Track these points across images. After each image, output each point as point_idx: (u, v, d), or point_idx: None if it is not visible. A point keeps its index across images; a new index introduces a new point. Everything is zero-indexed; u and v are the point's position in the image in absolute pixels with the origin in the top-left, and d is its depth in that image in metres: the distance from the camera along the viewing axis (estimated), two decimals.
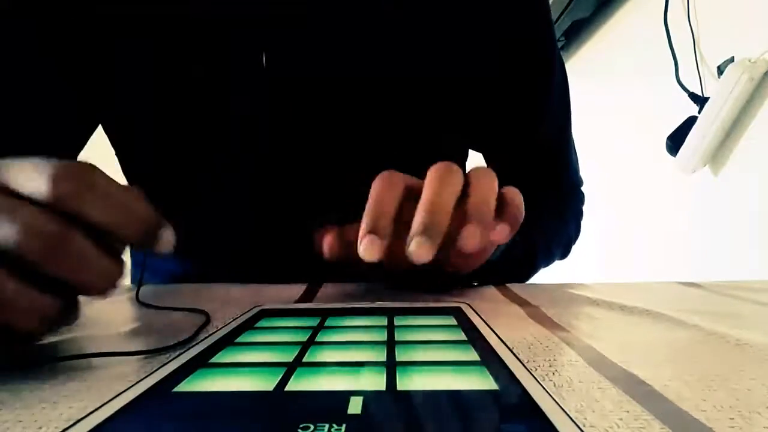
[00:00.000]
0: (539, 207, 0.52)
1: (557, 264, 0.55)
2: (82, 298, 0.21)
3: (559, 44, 1.46)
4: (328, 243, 0.30)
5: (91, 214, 0.19)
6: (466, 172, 0.29)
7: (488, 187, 0.28)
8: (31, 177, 0.19)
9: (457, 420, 0.13)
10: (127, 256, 0.27)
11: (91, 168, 0.20)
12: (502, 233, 0.27)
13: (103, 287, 0.20)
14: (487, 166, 0.56)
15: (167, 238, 0.22)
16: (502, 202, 0.28)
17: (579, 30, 1.43)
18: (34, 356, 0.22)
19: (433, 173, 0.27)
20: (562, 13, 1.31)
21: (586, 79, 1.39)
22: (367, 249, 0.24)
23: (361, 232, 0.25)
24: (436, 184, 0.26)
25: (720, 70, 0.87)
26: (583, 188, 0.59)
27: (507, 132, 0.52)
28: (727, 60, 0.85)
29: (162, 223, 0.22)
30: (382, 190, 0.27)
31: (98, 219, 0.19)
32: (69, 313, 0.20)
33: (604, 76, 1.34)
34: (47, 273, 0.19)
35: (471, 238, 0.25)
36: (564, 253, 0.54)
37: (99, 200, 0.20)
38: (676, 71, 0.97)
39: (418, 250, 0.24)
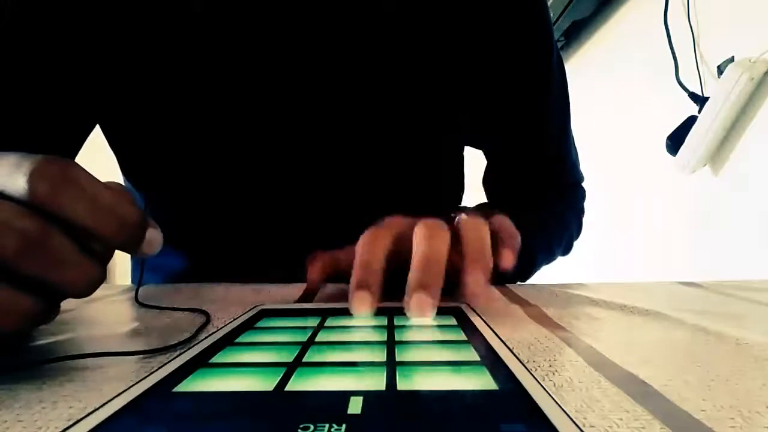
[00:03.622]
0: (540, 203, 0.52)
1: (557, 264, 0.55)
2: (78, 301, 0.21)
3: (559, 44, 1.47)
4: (312, 269, 0.31)
5: (70, 213, 0.19)
6: (453, 218, 0.29)
7: (479, 230, 0.28)
8: (10, 173, 0.19)
9: (457, 420, 0.13)
10: (125, 256, 0.27)
11: (72, 165, 0.19)
12: (508, 259, 0.28)
13: (82, 288, 0.20)
14: (488, 164, 0.56)
15: (153, 239, 0.21)
16: (493, 230, 0.29)
17: (579, 30, 1.43)
18: (33, 356, 0.22)
19: (420, 229, 0.27)
20: (562, 13, 1.31)
21: (586, 79, 1.39)
22: (358, 304, 0.25)
23: (351, 287, 0.25)
24: (426, 239, 0.27)
25: (720, 70, 0.87)
26: (583, 184, 0.59)
27: (507, 130, 0.52)
28: (727, 60, 0.85)
29: (147, 224, 0.21)
30: (369, 244, 0.27)
31: (77, 218, 0.19)
32: (48, 313, 0.20)
33: (604, 76, 1.34)
34: (24, 272, 0.18)
35: (476, 285, 0.26)
36: (566, 250, 0.55)
37: (79, 199, 0.19)
38: (676, 71, 0.97)
39: (419, 306, 0.24)
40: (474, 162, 0.60)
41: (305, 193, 0.44)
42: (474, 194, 0.58)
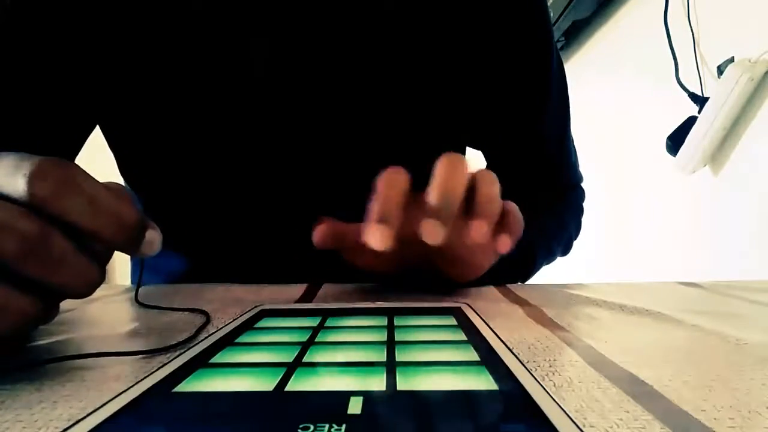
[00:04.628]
0: (539, 205, 0.52)
1: (557, 264, 0.55)
2: (78, 301, 0.21)
3: (559, 44, 1.47)
4: (319, 231, 0.31)
5: (69, 214, 0.19)
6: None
7: (493, 185, 0.28)
8: (9, 174, 0.19)
9: (457, 420, 0.13)
10: (125, 257, 0.27)
11: (72, 166, 0.20)
12: (505, 244, 0.28)
13: (82, 289, 0.20)
14: (487, 165, 0.56)
15: (152, 240, 0.22)
16: (502, 213, 0.29)
17: (579, 30, 1.43)
18: (33, 356, 0.22)
19: (444, 160, 0.28)
20: (562, 14, 1.31)
21: (586, 80, 1.39)
22: (375, 236, 0.24)
23: (369, 221, 0.25)
24: (448, 169, 0.27)
25: (720, 70, 0.87)
26: (582, 185, 0.59)
27: (507, 130, 0.52)
28: (727, 60, 0.85)
29: (146, 225, 0.22)
30: (389, 182, 0.27)
31: (77, 219, 0.19)
32: (47, 313, 0.20)
33: (604, 77, 1.34)
34: (24, 273, 0.18)
35: (479, 231, 0.26)
36: (565, 251, 0.55)
37: (78, 200, 0.19)
38: (676, 71, 0.97)
39: (432, 231, 0.24)
40: (474, 162, 0.60)
41: (304, 194, 0.44)
42: None
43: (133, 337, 0.25)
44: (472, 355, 0.18)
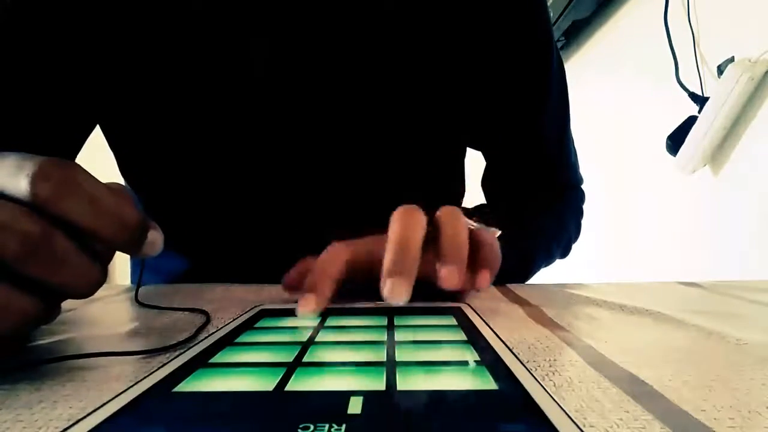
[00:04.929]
0: (538, 205, 0.52)
1: (557, 264, 0.55)
2: (78, 301, 0.21)
3: (559, 44, 1.47)
4: (286, 277, 0.31)
5: (71, 214, 0.19)
6: (434, 213, 0.29)
7: (456, 224, 0.28)
8: (11, 174, 0.19)
9: (457, 420, 0.13)
10: (125, 257, 0.27)
11: (74, 167, 0.20)
12: (484, 279, 0.28)
13: (83, 289, 0.20)
14: (487, 165, 0.56)
15: (154, 240, 0.22)
16: (475, 244, 0.28)
17: (579, 30, 1.43)
18: (33, 356, 0.22)
19: (396, 215, 0.27)
20: (562, 13, 1.31)
21: (586, 79, 1.39)
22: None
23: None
24: (402, 223, 0.27)
25: (720, 70, 0.87)
26: (583, 186, 0.59)
27: (507, 130, 0.52)
28: (727, 60, 0.85)
29: (148, 225, 0.22)
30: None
31: (79, 220, 0.19)
32: (48, 313, 0.20)
33: (604, 77, 1.33)
34: (26, 273, 0.18)
35: (450, 278, 0.25)
36: (564, 252, 0.55)
37: (80, 200, 0.19)
38: (676, 71, 0.97)
39: (394, 290, 0.23)
40: (474, 162, 0.60)
41: (304, 194, 0.44)
42: (474, 195, 0.58)
43: (133, 337, 0.25)
44: (472, 355, 0.18)
